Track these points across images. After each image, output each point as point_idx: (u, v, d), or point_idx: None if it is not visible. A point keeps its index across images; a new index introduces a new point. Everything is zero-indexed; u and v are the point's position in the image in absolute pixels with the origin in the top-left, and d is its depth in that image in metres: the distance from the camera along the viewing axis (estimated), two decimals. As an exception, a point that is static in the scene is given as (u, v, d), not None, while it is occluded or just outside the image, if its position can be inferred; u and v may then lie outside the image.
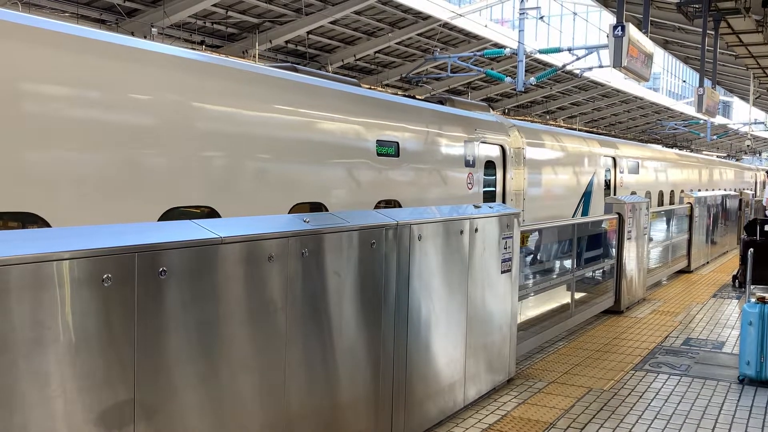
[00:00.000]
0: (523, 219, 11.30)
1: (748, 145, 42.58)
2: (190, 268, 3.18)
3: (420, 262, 4.88)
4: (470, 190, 10.00)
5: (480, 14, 27.48)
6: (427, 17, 23.71)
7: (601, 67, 19.95)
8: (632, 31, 11.70)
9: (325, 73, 8.91)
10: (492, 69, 26.86)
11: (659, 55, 34.63)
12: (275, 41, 22.26)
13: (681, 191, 20.75)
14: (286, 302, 3.71)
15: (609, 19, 23.39)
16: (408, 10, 23.08)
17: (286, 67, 7.79)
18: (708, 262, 15.75)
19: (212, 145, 5.93)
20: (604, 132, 43.15)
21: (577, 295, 8.59)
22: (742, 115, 55.23)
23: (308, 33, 22.73)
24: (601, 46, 19.00)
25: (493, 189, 10.88)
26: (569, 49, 20.44)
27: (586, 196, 14.53)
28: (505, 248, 6.10)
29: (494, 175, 10.89)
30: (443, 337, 5.23)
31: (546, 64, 29.53)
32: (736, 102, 56.84)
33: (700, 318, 9.41)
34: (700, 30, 17.49)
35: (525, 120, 22.24)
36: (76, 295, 2.70)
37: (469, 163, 10.06)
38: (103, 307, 2.80)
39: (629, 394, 6.11)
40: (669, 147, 35.44)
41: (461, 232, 5.39)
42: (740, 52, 19.08)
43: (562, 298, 8.33)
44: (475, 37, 26.96)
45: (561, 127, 31.37)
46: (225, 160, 6.06)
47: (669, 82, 61.15)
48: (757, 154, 70.32)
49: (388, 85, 28.59)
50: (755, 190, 37.88)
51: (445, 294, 5.23)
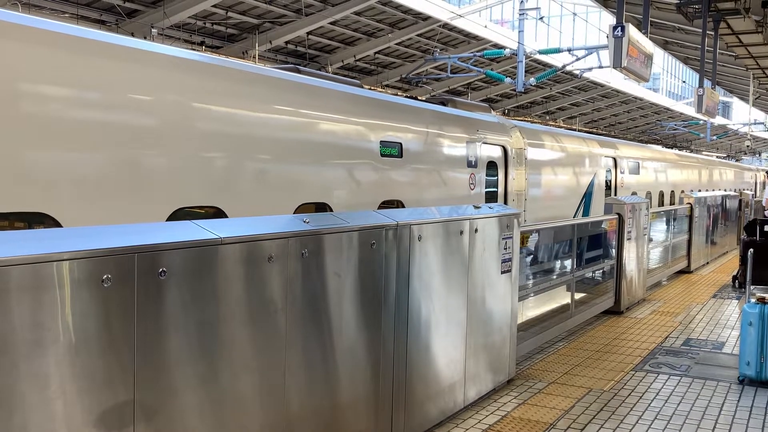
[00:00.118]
0: (525, 219, 11.30)
1: (748, 146, 42.61)
2: (190, 269, 3.18)
3: (420, 262, 4.88)
4: (472, 190, 10.01)
5: (480, 15, 27.49)
6: (426, 18, 23.73)
7: (600, 67, 19.95)
8: (632, 31, 11.69)
9: (328, 74, 8.93)
10: (492, 69, 26.86)
11: (659, 55, 34.64)
12: (275, 42, 22.28)
13: (681, 192, 20.75)
14: (286, 303, 3.71)
15: (609, 19, 23.37)
16: (408, 11, 23.10)
17: (289, 69, 7.81)
18: (708, 263, 15.75)
19: (221, 147, 5.98)
20: (604, 132, 43.18)
21: (577, 296, 8.59)
22: (742, 115, 55.24)
23: (308, 34, 22.74)
24: (600, 47, 18.99)
25: (495, 189, 10.89)
26: (569, 50, 20.44)
27: (587, 196, 14.53)
28: (505, 249, 6.10)
29: (496, 175, 10.90)
30: (443, 338, 5.23)
31: (546, 65, 29.55)
32: (736, 102, 56.85)
33: (700, 318, 9.40)
34: (700, 30, 17.48)
35: (525, 121, 22.23)
36: (76, 295, 2.70)
37: (472, 164, 10.07)
38: (103, 308, 2.80)
39: (629, 395, 6.11)
40: (669, 147, 35.43)
41: (461, 233, 5.39)
42: (740, 53, 19.08)
43: (562, 298, 8.33)
44: (475, 38, 26.98)
45: (561, 127, 31.34)
46: (233, 161, 6.09)
47: (669, 82, 61.17)
48: (757, 155, 70.34)
49: (388, 86, 28.59)
50: (755, 191, 37.87)
51: (445, 294, 5.23)
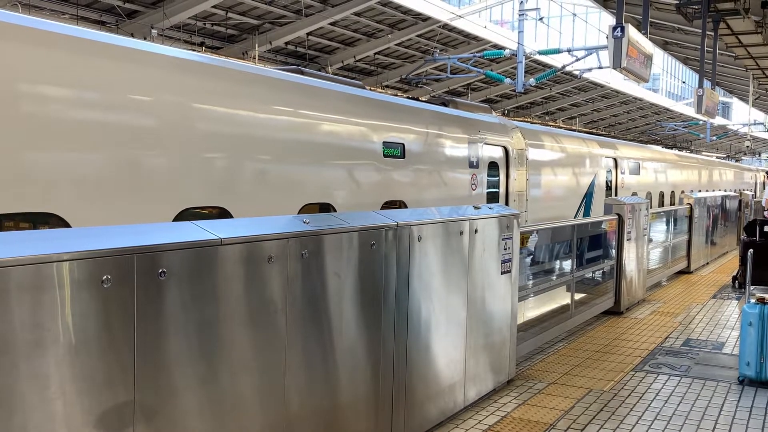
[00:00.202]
0: (526, 219, 11.31)
1: (748, 146, 42.63)
2: (190, 270, 3.18)
3: (420, 263, 4.88)
4: (474, 191, 10.03)
5: (479, 15, 27.48)
6: (426, 18, 23.74)
7: (600, 68, 19.93)
8: (632, 32, 11.69)
9: (331, 75, 8.95)
10: (491, 70, 26.87)
11: (659, 56, 34.65)
12: (275, 42, 22.29)
13: (681, 192, 20.75)
14: (286, 303, 3.71)
15: (608, 20, 23.39)
16: (408, 12, 23.11)
17: (292, 70, 7.83)
18: (708, 263, 15.75)
19: (227, 148, 6.01)
20: (604, 133, 43.21)
21: (577, 296, 8.59)
22: (742, 115, 55.23)
23: (308, 34, 22.75)
24: (600, 47, 18.99)
25: (497, 190, 10.90)
26: (569, 50, 20.42)
27: (588, 196, 14.54)
28: (505, 249, 6.10)
29: (497, 176, 10.91)
30: (443, 338, 5.23)
31: (545, 65, 29.55)
32: (736, 103, 56.82)
33: (700, 319, 9.40)
34: (700, 31, 17.50)
35: (524, 121, 22.24)
36: (76, 296, 2.70)
37: (473, 165, 10.08)
38: (103, 309, 2.80)
39: (629, 395, 6.11)
40: (669, 148, 35.43)
41: (461, 233, 5.39)
42: (739, 53, 19.10)
43: (562, 299, 8.34)
44: (475, 39, 26.99)
45: (561, 128, 31.35)
46: (238, 162, 6.13)
47: (668, 83, 61.11)
48: (757, 155, 70.35)
49: (388, 87, 28.60)
50: (755, 191, 37.88)
51: (444, 295, 5.23)
